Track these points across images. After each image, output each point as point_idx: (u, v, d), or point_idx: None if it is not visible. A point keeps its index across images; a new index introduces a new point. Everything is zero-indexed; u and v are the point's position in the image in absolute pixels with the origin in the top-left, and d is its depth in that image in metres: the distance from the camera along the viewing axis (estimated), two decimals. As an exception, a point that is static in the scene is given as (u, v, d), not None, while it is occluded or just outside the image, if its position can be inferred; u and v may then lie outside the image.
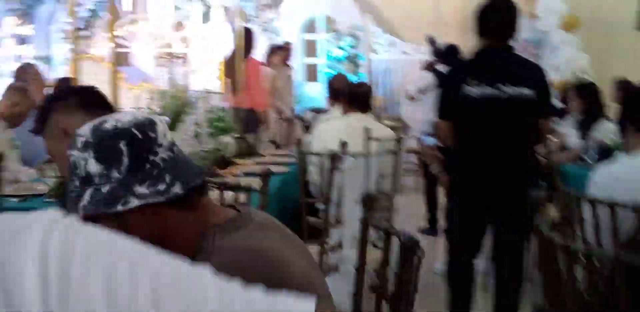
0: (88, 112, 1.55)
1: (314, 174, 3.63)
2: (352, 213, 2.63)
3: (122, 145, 1.11)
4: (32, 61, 8.15)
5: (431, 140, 4.73)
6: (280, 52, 7.03)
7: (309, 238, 2.98)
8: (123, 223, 1.11)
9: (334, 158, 2.63)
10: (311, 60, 9.08)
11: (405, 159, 7.42)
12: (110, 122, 1.14)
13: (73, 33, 3.96)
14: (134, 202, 1.08)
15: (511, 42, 3.00)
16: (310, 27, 9.07)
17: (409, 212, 5.64)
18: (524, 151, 3.00)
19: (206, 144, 3.97)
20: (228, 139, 4.20)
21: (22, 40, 8.57)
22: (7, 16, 8.56)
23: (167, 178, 1.12)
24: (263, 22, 8.78)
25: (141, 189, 1.09)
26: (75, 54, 7.61)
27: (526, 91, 2.86)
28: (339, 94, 4.31)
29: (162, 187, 1.11)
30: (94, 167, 1.11)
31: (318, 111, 6.49)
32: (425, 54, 8.48)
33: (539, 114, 2.98)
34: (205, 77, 8.29)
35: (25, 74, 4.21)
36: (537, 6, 8.45)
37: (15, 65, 7.26)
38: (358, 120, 3.81)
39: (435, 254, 5.14)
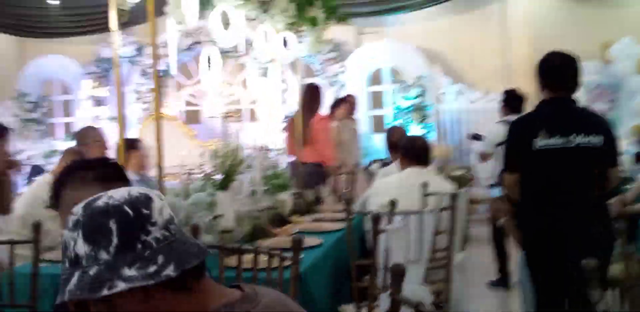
0: (103, 185, 1.50)
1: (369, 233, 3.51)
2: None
3: (112, 224, 1.04)
4: (107, 122, 8.48)
5: (497, 192, 4.52)
6: (344, 104, 7.02)
7: (362, 301, 2.84)
8: (112, 308, 1.05)
9: (377, 220, 2.50)
10: (378, 112, 9.04)
11: (477, 209, 7.18)
12: (102, 199, 1.08)
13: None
14: (120, 286, 1.00)
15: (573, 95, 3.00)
16: (376, 78, 9.07)
17: (480, 265, 5.39)
18: (593, 201, 2.95)
19: (262, 202, 3.92)
20: (285, 197, 4.14)
21: (98, 102, 8.93)
22: (84, 79, 8.96)
23: (160, 259, 1.05)
24: (329, 76, 8.85)
25: (129, 272, 1.01)
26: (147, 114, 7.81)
27: (595, 140, 2.87)
28: (396, 147, 4.21)
29: (152, 269, 1.03)
30: (82, 247, 1.04)
31: (386, 163, 6.40)
32: (493, 102, 8.32)
33: (607, 163, 2.96)
34: (270, 133, 8.37)
35: (87, 137, 4.30)
36: (612, 51, 8.19)
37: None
38: (415, 175, 3.68)
39: (507, 309, 4.86)
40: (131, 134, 8.51)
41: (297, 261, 1.92)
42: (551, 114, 2.96)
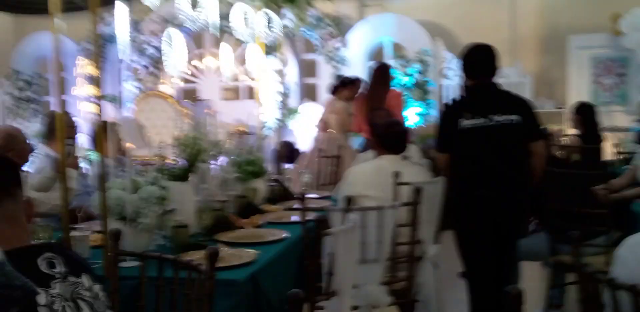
0: None
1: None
2: (351, 280, 2.31)
3: None
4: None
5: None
6: (350, 87, 6.68)
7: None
8: None
9: (320, 223, 2.31)
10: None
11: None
12: None
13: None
14: None
15: (494, 79, 3.37)
16: (377, 54, 8.77)
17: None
18: (518, 173, 3.30)
19: (233, 190, 3.74)
20: (258, 184, 3.96)
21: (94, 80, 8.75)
22: (79, 57, 8.80)
23: None
24: (328, 52, 8.58)
25: None
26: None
27: (514, 117, 3.27)
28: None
29: None
30: None
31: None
32: (502, 77, 8.03)
33: (527, 137, 3.32)
34: (267, 111, 8.17)
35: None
36: (622, 23, 7.83)
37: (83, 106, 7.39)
38: (389, 164, 3.48)
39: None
40: (125, 112, 8.38)
41: (212, 276, 1.74)
42: (474, 98, 3.38)
